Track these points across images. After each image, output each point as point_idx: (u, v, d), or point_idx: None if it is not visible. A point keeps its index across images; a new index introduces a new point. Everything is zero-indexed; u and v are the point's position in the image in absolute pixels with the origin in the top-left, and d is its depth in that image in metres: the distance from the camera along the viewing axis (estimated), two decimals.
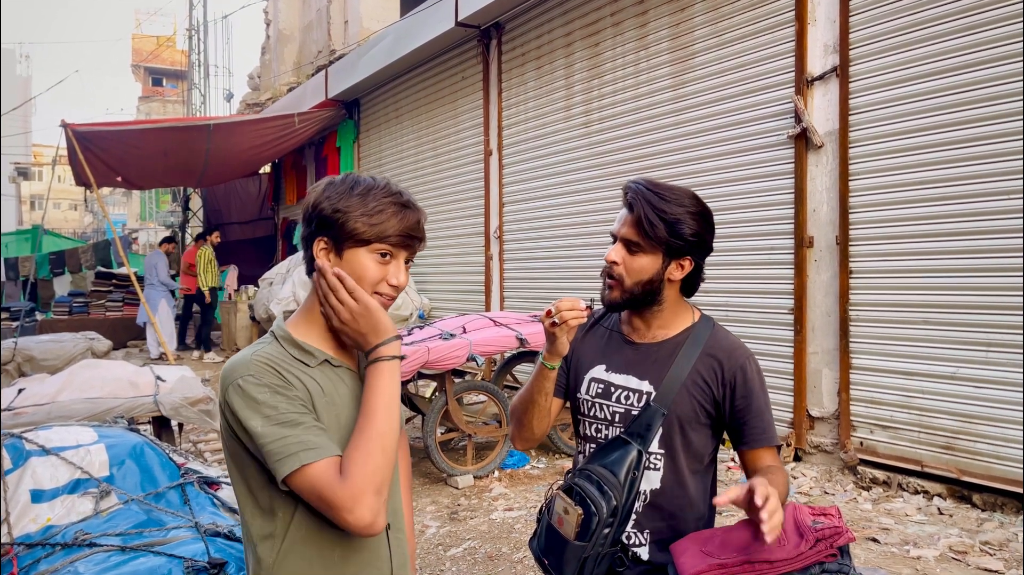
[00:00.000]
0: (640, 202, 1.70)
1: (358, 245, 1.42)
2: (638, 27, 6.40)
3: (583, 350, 1.89)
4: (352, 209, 1.41)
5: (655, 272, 1.73)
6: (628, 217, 1.74)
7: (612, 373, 1.81)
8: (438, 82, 9.41)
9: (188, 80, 23.27)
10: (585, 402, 1.84)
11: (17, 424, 3.72)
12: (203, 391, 4.69)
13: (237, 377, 1.37)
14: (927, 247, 4.48)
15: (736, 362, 1.75)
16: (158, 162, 11.97)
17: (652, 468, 1.74)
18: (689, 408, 1.73)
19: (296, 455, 1.31)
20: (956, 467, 4.33)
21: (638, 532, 1.74)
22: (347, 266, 1.43)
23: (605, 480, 1.66)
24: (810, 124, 4.96)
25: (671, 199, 1.71)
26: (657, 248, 1.71)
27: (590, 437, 1.83)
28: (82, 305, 13.14)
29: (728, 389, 1.74)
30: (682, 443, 1.74)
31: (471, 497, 4.87)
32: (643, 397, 1.75)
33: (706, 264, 1.87)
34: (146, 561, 2.12)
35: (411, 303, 8.88)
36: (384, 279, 1.45)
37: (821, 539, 1.45)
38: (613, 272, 1.74)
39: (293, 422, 1.34)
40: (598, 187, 6.84)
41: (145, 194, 31.91)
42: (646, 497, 1.74)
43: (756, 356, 1.84)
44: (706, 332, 1.82)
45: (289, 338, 1.46)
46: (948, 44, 4.33)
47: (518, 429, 1.88)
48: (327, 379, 1.46)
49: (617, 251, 1.75)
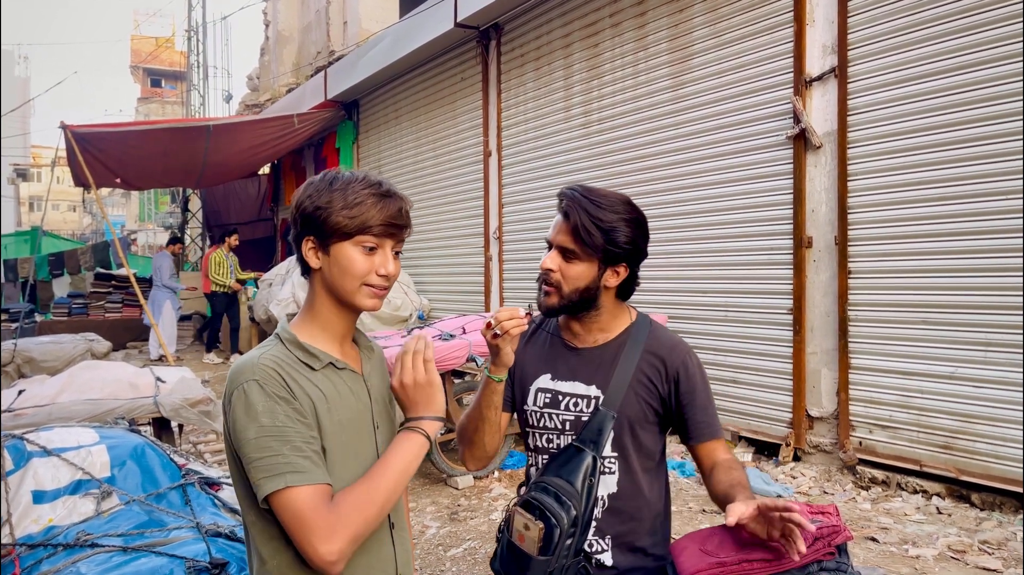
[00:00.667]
0: (576, 210, 1.69)
1: (342, 239, 1.43)
2: (637, 28, 6.42)
3: (526, 360, 1.87)
4: (332, 204, 1.42)
5: (591, 279, 1.73)
6: (563, 224, 1.72)
7: (558, 381, 1.81)
8: (437, 83, 9.42)
9: (187, 81, 23.27)
10: (533, 413, 1.82)
11: (18, 425, 3.73)
12: (203, 392, 4.70)
13: (243, 380, 1.37)
14: (926, 247, 4.49)
15: (677, 358, 1.77)
16: (157, 163, 11.97)
17: (607, 472, 1.74)
18: (637, 408, 1.74)
19: (282, 476, 1.31)
20: (955, 467, 4.34)
21: (599, 538, 1.73)
22: (334, 261, 1.45)
23: (563, 491, 1.65)
24: (809, 125, 4.97)
25: (606, 206, 1.70)
26: (593, 256, 1.71)
27: (541, 448, 1.82)
28: (81, 306, 13.13)
29: (672, 385, 1.75)
30: (633, 444, 1.75)
31: (471, 497, 4.88)
32: (591, 402, 1.75)
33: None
34: (148, 561, 2.13)
35: (410, 304, 8.88)
36: (372, 270, 1.46)
37: (819, 538, 1.46)
38: (550, 279, 1.73)
39: (286, 439, 1.34)
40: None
41: (144, 195, 31.93)
42: (604, 502, 1.74)
43: (754, 356, 1.86)
44: (644, 331, 1.82)
45: (295, 341, 1.47)
46: (947, 44, 4.34)
47: (469, 448, 1.84)
48: (330, 383, 1.46)
49: (553, 258, 1.73)
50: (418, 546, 4.18)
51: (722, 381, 5.70)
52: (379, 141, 11.01)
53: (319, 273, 1.47)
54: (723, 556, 1.50)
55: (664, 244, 6.19)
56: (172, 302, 11.64)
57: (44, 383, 4.72)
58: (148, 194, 30.65)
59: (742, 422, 5.56)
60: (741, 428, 5.55)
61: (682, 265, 6.03)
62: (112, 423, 3.35)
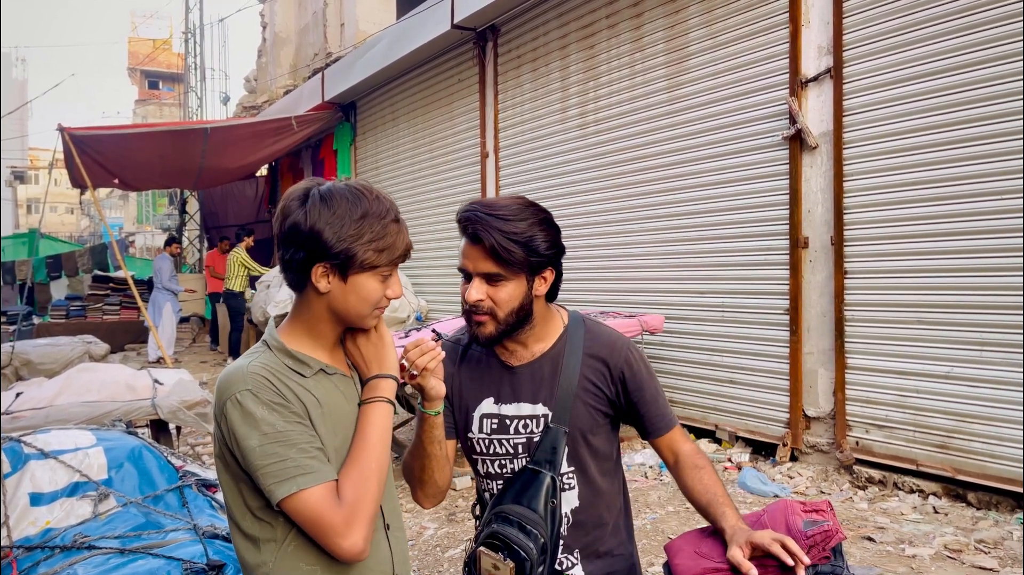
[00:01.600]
0: (487, 231, 1.59)
1: (364, 271, 1.44)
2: (633, 29, 6.43)
3: (464, 385, 1.77)
4: (357, 238, 1.41)
5: (523, 296, 1.64)
6: (477, 250, 1.62)
7: (503, 404, 1.73)
8: (434, 84, 9.43)
9: (184, 83, 23.27)
10: (481, 441, 1.74)
11: (15, 428, 3.73)
12: (200, 394, 4.70)
13: (235, 391, 1.37)
14: (922, 247, 4.50)
15: (620, 357, 1.71)
16: (154, 165, 11.97)
17: (567, 489, 1.69)
18: (588, 418, 1.69)
19: (294, 479, 1.33)
20: (951, 466, 4.35)
21: (568, 554, 1.70)
22: (351, 290, 1.45)
23: (526, 519, 1.59)
24: (804, 125, 4.98)
25: (513, 217, 1.61)
26: (519, 271, 1.62)
27: (494, 474, 1.73)
28: (79, 309, 13.12)
29: (619, 385, 1.71)
30: (589, 453, 1.71)
31: (468, 498, 4.88)
32: (540, 421, 1.69)
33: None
34: (145, 563, 2.13)
35: (408, 305, 8.88)
36: (383, 295, 1.49)
37: (813, 546, 1.46)
38: (480, 308, 1.63)
39: (290, 442, 1.35)
40: (594, 188, 6.86)
41: (142, 197, 31.90)
42: (568, 519, 1.69)
43: (751, 356, 1.85)
44: (580, 332, 1.75)
45: (283, 348, 1.47)
46: (942, 45, 4.36)
47: (420, 487, 1.71)
48: (322, 389, 1.47)
49: (478, 288, 1.63)
50: (416, 547, 4.18)
51: (719, 381, 5.71)
52: (376, 143, 11.02)
53: (325, 297, 1.45)
54: (717, 560, 1.50)
55: (660, 244, 6.21)
56: (172, 304, 11.62)
57: (42, 386, 4.72)
58: (146, 196, 30.63)
59: (739, 422, 5.56)
60: (738, 428, 5.56)
61: (678, 265, 6.04)
62: (109, 425, 3.35)
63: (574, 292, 6.87)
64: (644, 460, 5.37)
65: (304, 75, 14.53)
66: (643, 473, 5.18)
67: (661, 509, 4.52)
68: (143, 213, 33.62)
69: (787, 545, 1.41)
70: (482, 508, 1.77)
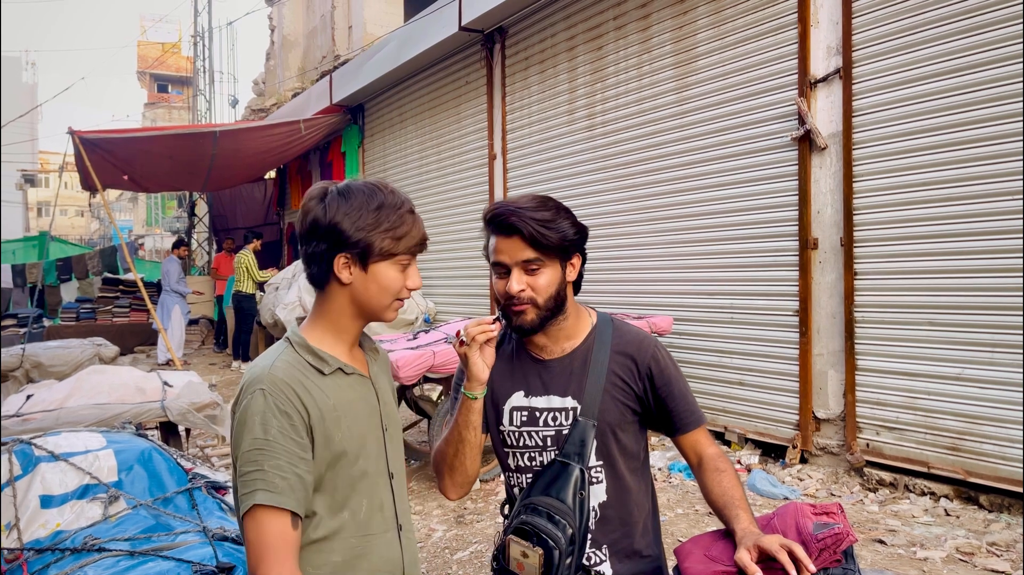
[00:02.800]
0: (522, 220, 1.64)
1: (384, 259, 1.48)
2: (641, 30, 6.42)
3: (495, 378, 1.80)
4: (375, 227, 1.46)
5: (559, 281, 1.71)
6: (512, 241, 1.67)
7: (533, 397, 1.76)
8: (442, 86, 9.44)
9: (193, 86, 23.37)
10: (511, 433, 1.77)
11: (26, 430, 3.75)
12: (210, 396, 4.70)
13: (253, 390, 1.40)
14: (932, 248, 4.48)
15: (647, 353, 1.75)
16: (164, 167, 12.03)
17: (595, 482, 1.71)
18: (616, 412, 1.72)
19: (253, 493, 1.33)
20: (962, 468, 4.32)
21: (596, 550, 1.71)
22: (372, 279, 1.49)
23: (555, 509, 1.61)
24: (813, 126, 4.96)
25: (540, 206, 1.68)
26: (554, 257, 1.69)
27: (524, 467, 1.77)
28: (89, 311, 13.17)
29: (647, 382, 1.73)
30: (618, 448, 1.73)
31: (477, 500, 4.88)
32: (570, 414, 1.72)
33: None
34: (155, 566, 2.14)
35: (416, 307, 8.89)
36: (404, 285, 1.53)
37: (824, 550, 1.44)
38: (522, 299, 1.68)
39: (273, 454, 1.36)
40: (603, 190, 6.85)
41: (151, 200, 32.05)
42: (596, 513, 1.71)
43: (760, 357, 1.85)
44: (608, 330, 1.80)
45: (305, 345, 1.49)
46: (952, 45, 4.33)
47: (450, 475, 1.75)
48: (338, 388, 1.49)
49: (518, 279, 1.67)
50: (424, 549, 4.18)
51: (728, 383, 5.69)
52: (384, 145, 11.04)
53: (347, 288, 1.50)
54: (727, 563, 1.49)
55: (669, 246, 6.19)
56: (181, 306, 11.65)
57: (52, 388, 4.74)
58: (155, 199, 30.76)
59: (748, 424, 5.54)
60: (747, 430, 5.54)
61: (687, 267, 6.02)
62: (119, 427, 3.36)
63: (583, 294, 6.83)
64: (653, 462, 5.36)
65: (312, 78, 14.57)
66: (652, 475, 5.16)
67: (670, 511, 4.50)
68: (152, 216, 33.76)
69: (794, 552, 1.40)
70: (511, 506, 1.78)
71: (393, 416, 1.63)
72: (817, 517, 1.55)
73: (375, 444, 1.54)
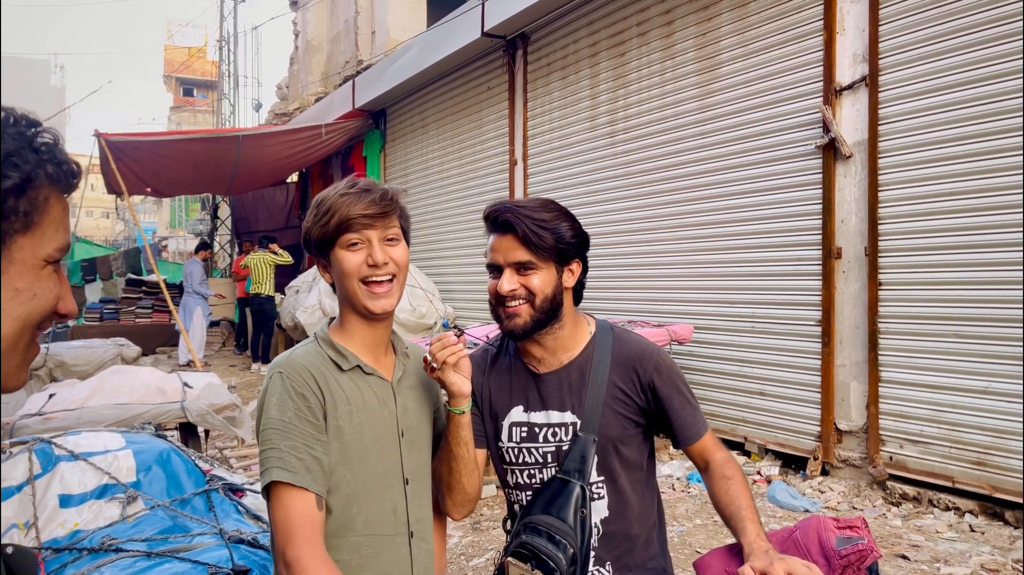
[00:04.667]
0: (518, 219, 1.61)
1: (331, 247, 1.51)
2: (664, 36, 6.39)
3: (493, 393, 1.76)
4: (311, 223, 1.52)
5: (554, 285, 1.65)
6: (506, 240, 1.65)
7: (532, 412, 1.71)
8: (464, 92, 9.46)
9: (218, 90, 23.60)
10: (510, 450, 1.72)
11: (47, 429, 3.78)
12: (228, 398, 4.72)
13: (274, 372, 1.46)
14: (959, 259, 4.40)
15: (649, 364, 1.69)
16: (188, 171, 12.14)
17: (597, 498, 1.66)
18: (618, 426, 1.67)
19: (269, 470, 1.36)
20: (988, 483, 4.24)
21: (599, 567, 1.66)
22: (333, 270, 1.53)
23: (555, 529, 1.56)
24: (839, 134, 4.91)
25: (540, 208, 1.66)
26: (549, 259, 1.64)
27: (523, 484, 1.72)
28: (113, 311, 13.31)
29: (650, 393, 1.68)
30: (620, 463, 1.68)
31: (494, 507, 4.85)
32: (569, 429, 1.67)
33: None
34: (171, 567, 2.13)
35: (435, 312, 8.90)
36: (362, 263, 1.49)
37: (848, 566, 1.41)
38: (516, 296, 1.63)
39: (288, 434, 1.38)
40: (623, 197, 6.82)
41: (175, 203, 32.35)
42: (599, 530, 1.66)
43: (782, 367, 1.80)
44: (608, 339, 1.74)
45: (328, 339, 1.53)
46: (981, 53, 4.27)
47: (449, 495, 1.67)
48: (355, 386, 1.50)
49: (509, 279, 1.64)
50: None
51: (748, 393, 5.63)
52: (406, 150, 11.07)
53: (335, 286, 1.55)
54: None
55: (690, 254, 6.14)
56: (203, 308, 11.74)
57: (74, 387, 4.78)
58: (179, 201, 31.05)
59: (768, 435, 5.48)
60: (768, 441, 5.47)
61: (708, 275, 5.97)
62: (138, 428, 3.38)
63: (602, 301, 6.83)
64: (671, 472, 5.31)
65: (335, 82, 14.65)
66: (670, 485, 5.12)
67: (688, 522, 4.45)
68: (176, 218, 34.09)
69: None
70: (512, 521, 1.74)
71: (415, 423, 1.60)
72: (840, 531, 1.52)
73: (390, 447, 1.53)
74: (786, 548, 1.52)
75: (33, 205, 0.77)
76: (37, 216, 0.77)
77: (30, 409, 4.29)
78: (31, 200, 0.76)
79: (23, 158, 0.75)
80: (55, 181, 0.79)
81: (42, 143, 0.78)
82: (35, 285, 0.78)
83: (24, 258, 0.77)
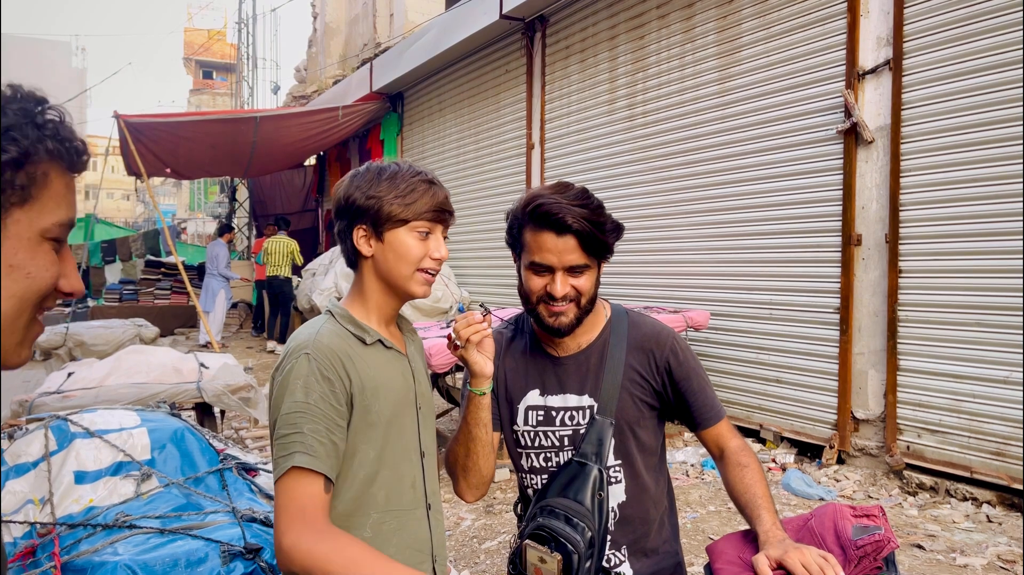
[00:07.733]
0: (581, 223, 1.54)
1: (397, 226, 1.47)
2: (684, 19, 6.31)
3: (508, 377, 1.74)
4: (385, 193, 1.46)
5: (597, 281, 1.65)
6: (563, 241, 1.56)
7: (549, 396, 1.69)
8: (481, 75, 9.41)
9: (237, 73, 23.65)
10: (526, 434, 1.71)
11: (65, 407, 3.82)
12: (244, 379, 4.75)
13: (299, 354, 1.41)
14: (980, 247, 4.33)
15: (665, 347, 1.67)
16: (206, 153, 12.18)
17: (614, 482, 1.65)
18: (634, 409, 1.66)
19: (292, 455, 1.33)
20: (1007, 474, 4.19)
21: (615, 551, 1.66)
22: (388, 248, 1.48)
23: (573, 512, 1.55)
24: (860, 119, 4.83)
25: (591, 204, 1.57)
26: (595, 260, 1.62)
27: (539, 468, 1.70)
28: (132, 292, 13.44)
29: (666, 376, 1.66)
30: (636, 446, 1.67)
31: (507, 490, 4.86)
32: (587, 412, 1.66)
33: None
34: (184, 544, 2.15)
35: (451, 296, 8.90)
36: (426, 254, 1.50)
37: (864, 557, 1.38)
38: (565, 297, 1.59)
39: (313, 417, 1.36)
40: (640, 182, 6.77)
41: (194, 185, 32.59)
42: (615, 514, 1.65)
43: (799, 355, 1.77)
44: (624, 323, 1.72)
45: (347, 315, 1.51)
46: (1007, 37, 4.18)
47: (464, 477, 1.67)
48: (377, 361, 1.49)
49: (563, 282, 1.58)
50: (453, 538, 4.18)
51: (764, 380, 5.59)
52: (423, 133, 11.05)
53: (370, 261, 1.50)
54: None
55: (708, 239, 6.09)
56: (226, 290, 11.84)
57: (92, 366, 4.83)
58: (198, 184, 31.26)
59: (784, 423, 5.44)
60: (783, 429, 5.44)
61: (726, 261, 5.92)
62: (154, 407, 3.40)
63: (618, 287, 6.79)
64: (685, 458, 5.29)
65: (353, 65, 14.64)
66: (684, 471, 5.10)
67: (702, 508, 4.44)
68: (195, 200, 34.33)
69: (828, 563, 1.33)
70: (524, 505, 1.73)
71: (427, 396, 1.62)
72: (857, 519, 1.49)
73: (409, 421, 1.54)
74: (801, 537, 1.50)
75: (31, 179, 0.77)
76: (35, 190, 0.77)
77: (49, 387, 4.34)
78: (29, 174, 0.76)
79: (23, 133, 0.75)
80: (56, 157, 0.79)
81: (48, 120, 0.78)
82: (30, 263, 0.78)
83: (20, 232, 0.77)
